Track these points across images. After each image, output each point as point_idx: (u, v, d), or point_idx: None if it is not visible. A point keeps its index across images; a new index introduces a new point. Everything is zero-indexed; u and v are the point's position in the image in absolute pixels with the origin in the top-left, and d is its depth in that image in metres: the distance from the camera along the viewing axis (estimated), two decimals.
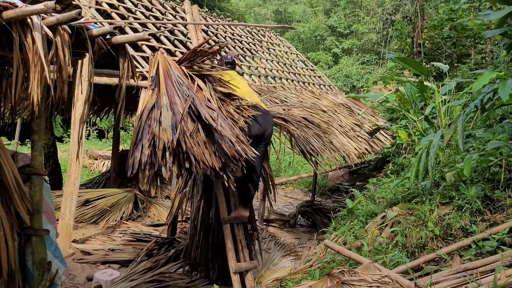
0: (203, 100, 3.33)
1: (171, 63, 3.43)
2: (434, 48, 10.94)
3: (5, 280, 2.33)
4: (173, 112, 3.09)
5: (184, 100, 3.21)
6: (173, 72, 3.36)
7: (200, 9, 6.79)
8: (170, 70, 3.35)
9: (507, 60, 6.74)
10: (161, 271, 4.11)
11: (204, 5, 14.69)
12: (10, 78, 2.65)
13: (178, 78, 3.34)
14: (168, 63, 3.40)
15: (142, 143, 2.96)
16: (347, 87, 21.76)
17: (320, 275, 3.45)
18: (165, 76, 3.31)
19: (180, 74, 3.42)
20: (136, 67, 4.55)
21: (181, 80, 3.34)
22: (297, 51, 10.04)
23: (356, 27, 24.60)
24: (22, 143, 12.31)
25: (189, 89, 3.31)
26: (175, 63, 3.50)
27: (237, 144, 3.20)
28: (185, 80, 3.39)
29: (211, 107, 3.31)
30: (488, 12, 4.60)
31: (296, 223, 7.02)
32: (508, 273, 2.45)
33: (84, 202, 6.09)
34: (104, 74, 4.63)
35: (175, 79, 3.31)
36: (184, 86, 3.32)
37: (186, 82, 3.37)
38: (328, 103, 7.38)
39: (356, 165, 8.54)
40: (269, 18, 29.02)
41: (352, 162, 5.90)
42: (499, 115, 5.08)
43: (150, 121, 3.06)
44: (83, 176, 9.45)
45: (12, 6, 1.95)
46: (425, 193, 3.95)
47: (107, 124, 15.44)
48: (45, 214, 2.60)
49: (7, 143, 9.72)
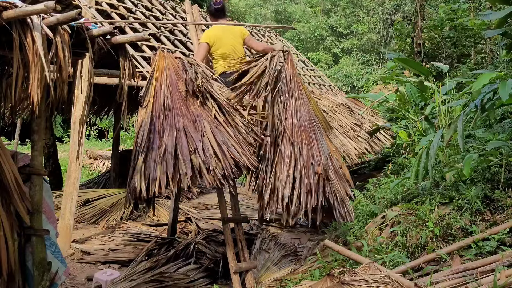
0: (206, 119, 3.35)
1: (169, 67, 3.42)
2: (434, 48, 10.94)
3: (5, 280, 2.32)
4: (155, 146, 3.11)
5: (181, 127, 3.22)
6: (164, 88, 3.36)
7: (200, 9, 6.80)
8: (161, 86, 3.35)
9: (507, 60, 6.74)
10: (161, 271, 4.10)
11: (204, 5, 14.68)
12: (10, 78, 2.65)
13: (169, 96, 3.34)
14: (163, 70, 3.40)
15: (139, 175, 3.00)
16: (347, 87, 21.77)
17: (320, 275, 3.45)
18: (156, 93, 3.31)
19: (179, 82, 3.43)
20: (136, 67, 4.56)
21: (172, 98, 3.35)
22: (297, 51, 10.04)
23: (356, 27, 24.60)
24: (22, 143, 12.30)
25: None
26: (175, 64, 3.49)
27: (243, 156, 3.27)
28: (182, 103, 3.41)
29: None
30: (488, 12, 4.60)
31: (296, 223, 7.01)
32: (508, 273, 2.45)
33: (84, 202, 6.09)
34: (104, 74, 4.63)
35: (164, 97, 3.32)
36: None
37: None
38: (328, 103, 7.39)
39: (356, 165, 8.54)
40: (269, 18, 29.00)
41: (352, 162, 5.90)
42: (499, 115, 5.08)
43: (146, 149, 3.10)
44: (83, 176, 9.45)
45: (12, 6, 1.95)
46: (425, 193, 3.95)
47: (107, 124, 15.44)
48: (45, 214, 2.60)
49: (7, 143, 9.71)
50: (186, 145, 3.16)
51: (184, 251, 4.53)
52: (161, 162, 3.04)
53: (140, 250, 4.77)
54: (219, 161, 3.18)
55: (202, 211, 6.95)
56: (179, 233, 5.41)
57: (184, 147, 3.15)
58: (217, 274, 4.35)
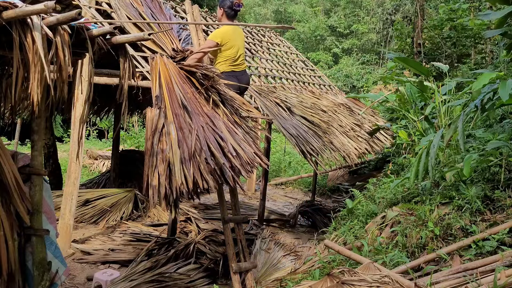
0: (213, 118, 3.33)
1: (172, 71, 3.41)
2: (434, 48, 10.94)
3: (5, 280, 2.32)
4: (182, 147, 3.03)
5: (195, 126, 3.16)
6: (177, 87, 3.32)
7: (200, 9, 6.79)
8: (173, 85, 3.32)
9: (507, 60, 6.74)
10: (161, 271, 4.11)
11: (204, 5, 14.68)
12: (10, 78, 2.65)
13: (182, 95, 3.30)
14: (169, 72, 3.38)
15: (158, 171, 2.89)
16: (347, 87, 21.77)
17: (320, 275, 3.45)
18: (170, 92, 3.26)
19: (184, 84, 3.41)
20: (136, 67, 4.55)
21: (186, 98, 3.31)
22: (297, 51, 10.04)
23: (356, 27, 24.60)
24: (22, 143, 12.30)
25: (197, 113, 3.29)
26: (177, 68, 3.49)
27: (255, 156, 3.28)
28: (190, 91, 3.38)
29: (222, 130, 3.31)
30: (488, 12, 4.60)
31: (296, 223, 7.02)
32: (508, 273, 2.45)
33: (84, 202, 6.09)
34: (104, 74, 4.63)
35: (179, 95, 3.27)
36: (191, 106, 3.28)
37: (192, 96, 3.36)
38: (328, 103, 7.38)
39: (356, 165, 8.54)
40: (269, 18, 29.00)
41: (352, 162, 5.90)
42: (499, 115, 5.08)
43: (162, 145, 2.99)
44: (83, 176, 9.45)
45: (12, 6, 1.95)
46: (425, 193, 3.95)
47: (107, 124, 15.44)
48: (45, 214, 2.60)
49: (7, 143, 9.72)
50: (215, 142, 3.11)
51: (184, 251, 4.54)
52: (193, 161, 2.94)
53: (140, 250, 4.77)
54: (240, 160, 3.17)
55: (202, 211, 6.95)
56: (179, 233, 5.41)
57: (213, 143, 3.10)
58: (217, 274, 4.36)
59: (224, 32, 4.13)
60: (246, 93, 5.15)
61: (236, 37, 4.19)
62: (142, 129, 15.42)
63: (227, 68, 4.13)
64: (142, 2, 4.47)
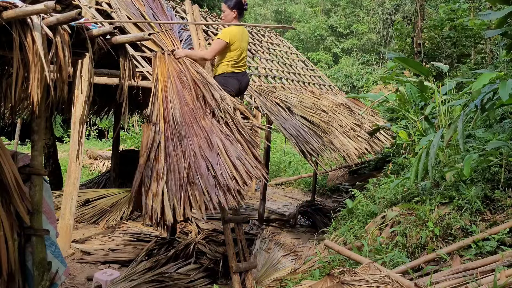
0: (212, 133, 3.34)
1: (172, 72, 3.41)
2: (434, 48, 10.93)
3: (5, 280, 2.32)
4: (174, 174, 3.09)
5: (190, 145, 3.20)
6: (174, 95, 3.34)
7: (200, 9, 6.79)
8: (168, 102, 3.34)
9: (507, 60, 6.74)
10: (161, 271, 4.11)
11: (204, 5, 14.67)
12: (10, 78, 2.65)
13: (179, 114, 3.32)
14: (169, 77, 3.38)
15: (151, 191, 2.98)
16: (347, 87, 21.77)
17: (320, 275, 3.45)
18: (166, 108, 3.29)
19: (183, 90, 3.41)
20: (136, 67, 4.55)
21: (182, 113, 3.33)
22: (297, 51, 10.03)
23: (356, 27, 24.60)
24: (22, 143, 12.30)
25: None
26: (177, 69, 3.49)
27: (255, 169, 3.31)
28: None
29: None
30: (488, 12, 4.60)
31: (296, 223, 7.02)
32: (508, 273, 2.45)
33: (84, 202, 6.09)
34: (104, 74, 4.63)
35: (176, 116, 3.30)
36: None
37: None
38: (328, 103, 7.38)
39: (356, 165, 8.55)
40: (269, 18, 29.00)
41: (352, 162, 5.90)
42: (499, 115, 5.08)
43: (157, 164, 3.08)
44: (83, 176, 9.45)
45: (12, 6, 1.95)
46: (425, 193, 3.95)
47: (107, 124, 15.44)
48: (45, 214, 2.60)
49: (7, 143, 9.72)
50: (205, 167, 3.15)
51: (184, 251, 4.54)
52: (182, 187, 3.03)
53: (140, 250, 4.77)
54: (235, 180, 3.19)
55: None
56: (179, 233, 5.41)
57: (203, 168, 3.14)
58: (217, 274, 4.36)
59: (233, 33, 4.11)
60: (246, 93, 5.15)
61: (242, 38, 4.17)
62: (142, 129, 15.41)
63: (228, 69, 4.12)
64: (144, 2, 4.46)
